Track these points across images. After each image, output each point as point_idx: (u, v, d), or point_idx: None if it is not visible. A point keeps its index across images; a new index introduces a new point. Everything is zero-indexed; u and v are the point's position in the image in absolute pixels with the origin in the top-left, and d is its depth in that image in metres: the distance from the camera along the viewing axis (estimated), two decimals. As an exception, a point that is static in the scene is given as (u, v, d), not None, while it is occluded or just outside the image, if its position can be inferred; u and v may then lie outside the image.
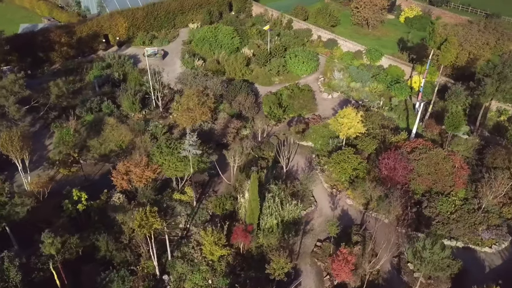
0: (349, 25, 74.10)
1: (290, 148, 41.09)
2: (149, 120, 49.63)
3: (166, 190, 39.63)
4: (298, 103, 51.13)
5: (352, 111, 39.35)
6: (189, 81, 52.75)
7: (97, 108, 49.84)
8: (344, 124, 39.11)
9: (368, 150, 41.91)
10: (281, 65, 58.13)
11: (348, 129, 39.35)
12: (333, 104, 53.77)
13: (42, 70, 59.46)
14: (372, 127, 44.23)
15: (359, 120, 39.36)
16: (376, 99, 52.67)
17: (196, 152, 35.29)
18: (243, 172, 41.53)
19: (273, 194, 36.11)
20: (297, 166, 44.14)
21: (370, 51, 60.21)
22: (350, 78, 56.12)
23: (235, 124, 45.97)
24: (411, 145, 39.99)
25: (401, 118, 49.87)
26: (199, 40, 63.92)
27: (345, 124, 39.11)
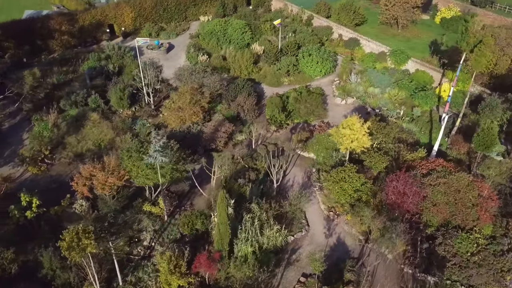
0: (376, 24, 66.82)
1: (283, 160, 34.95)
2: (137, 118, 44.97)
3: (137, 200, 34.66)
4: (304, 107, 44.96)
5: (357, 120, 32.89)
6: (185, 77, 47.64)
7: (83, 102, 45.69)
8: (347, 136, 32.71)
9: (377, 169, 35.28)
10: (292, 64, 52.03)
11: (351, 142, 32.90)
12: (346, 111, 47.18)
13: (39, 59, 56.15)
14: (384, 140, 37.46)
15: (365, 132, 32.83)
16: (396, 107, 45.68)
17: (163, 159, 30.01)
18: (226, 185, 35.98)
19: (252, 215, 30.32)
20: (293, 180, 38.04)
21: (394, 53, 53.06)
22: (368, 83, 49.33)
23: (226, 128, 40.42)
24: (428, 166, 33.08)
25: (423, 131, 42.71)
26: (207, 34, 58.83)
27: (347, 136, 32.70)
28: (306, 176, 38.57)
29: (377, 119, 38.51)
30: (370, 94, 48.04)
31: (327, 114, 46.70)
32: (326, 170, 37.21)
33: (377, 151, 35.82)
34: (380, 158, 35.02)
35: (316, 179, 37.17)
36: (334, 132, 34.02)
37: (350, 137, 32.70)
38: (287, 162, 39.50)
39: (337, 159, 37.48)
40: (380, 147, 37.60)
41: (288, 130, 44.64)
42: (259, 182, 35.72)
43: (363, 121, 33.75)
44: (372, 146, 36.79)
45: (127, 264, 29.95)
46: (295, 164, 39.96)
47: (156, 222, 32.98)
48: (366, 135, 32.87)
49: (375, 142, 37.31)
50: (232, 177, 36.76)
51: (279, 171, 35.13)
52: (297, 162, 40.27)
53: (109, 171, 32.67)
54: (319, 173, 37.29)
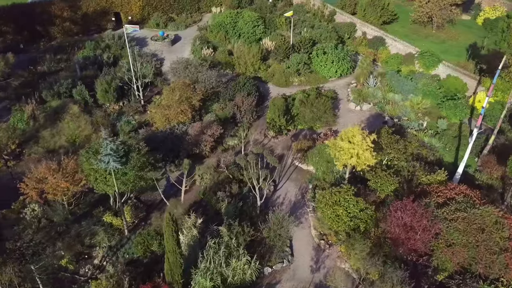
0: (408, 23, 59.65)
1: (267, 172, 29.19)
2: (123, 114, 40.56)
3: (98, 208, 30.06)
4: (310, 112, 39.00)
5: (358, 132, 26.74)
6: (179, 71, 42.75)
7: (67, 93, 41.76)
8: (345, 149, 26.62)
9: (383, 191, 28.95)
10: (303, 62, 46.08)
11: (350, 158, 26.77)
12: (360, 119, 40.82)
13: (37, 46, 53.08)
14: (396, 157, 31.01)
15: (368, 147, 26.61)
16: (418, 118, 38.88)
17: (115, 165, 25.11)
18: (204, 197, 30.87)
19: (219, 240, 24.88)
20: (284, 197, 32.28)
21: (423, 55, 46.04)
22: (388, 87, 42.69)
23: (213, 130, 35.14)
24: (446, 193, 26.44)
25: (448, 148, 35.80)
26: (215, 26, 53.85)
27: (345, 150, 26.62)
28: (300, 193, 32.72)
29: (389, 130, 32.01)
30: (390, 101, 41.40)
31: (337, 121, 40.51)
32: (324, 188, 31.18)
33: (386, 170, 29.44)
34: (388, 178, 28.65)
35: (310, 198, 31.27)
36: (331, 144, 27.98)
37: (349, 152, 26.57)
38: (279, 174, 33.91)
39: (338, 176, 31.44)
40: (391, 165, 31.22)
41: (289, 137, 38.84)
42: (239, 198, 30.19)
43: (367, 133, 27.51)
44: (380, 163, 30.52)
45: (69, 286, 25.31)
46: (289, 178, 34.18)
47: (114, 237, 28.20)
48: (369, 151, 26.64)
49: (385, 159, 30.99)
50: (211, 189, 31.56)
51: (266, 186, 29.48)
52: (292, 175, 34.46)
53: (65, 173, 28.24)
54: (315, 191, 31.33)
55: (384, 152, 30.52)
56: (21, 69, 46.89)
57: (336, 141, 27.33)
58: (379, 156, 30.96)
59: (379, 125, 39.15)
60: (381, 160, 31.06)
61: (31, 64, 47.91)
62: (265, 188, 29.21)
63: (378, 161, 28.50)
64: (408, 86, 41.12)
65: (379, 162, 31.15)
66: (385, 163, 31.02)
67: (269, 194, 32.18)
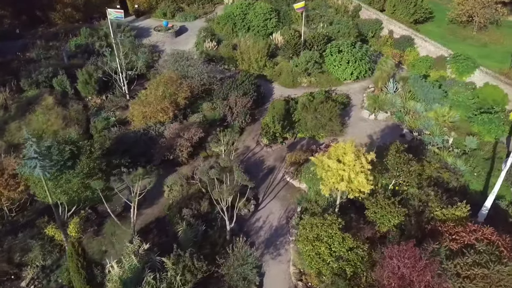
0: (444, 23, 52.26)
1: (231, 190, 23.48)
2: (103, 109, 36.26)
3: (42, 218, 25.60)
4: (313, 118, 33.16)
5: (350, 149, 20.71)
6: (168, 64, 37.91)
7: (46, 82, 37.93)
8: (333, 170, 20.72)
9: (384, 226, 22.77)
10: (313, 60, 40.11)
11: (339, 182, 20.80)
12: (372, 130, 34.53)
13: (36, 31, 49.98)
14: (406, 182, 24.69)
15: (363, 170, 20.56)
16: (443, 133, 32.13)
17: (40, 172, 20.42)
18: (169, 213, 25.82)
19: (161, 276, 19.66)
20: (265, 220, 26.67)
21: (457, 58, 38.99)
22: (410, 94, 36.07)
23: (191, 133, 29.97)
24: (465, 237, 19.98)
25: (477, 173, 28.93)
26: (223, 18, 48.80)
27: (333, 172, 20.70)
28: (286, 216, 27.00)
29: (400, 147, 25.66)
30: (410, 110, 34.82)
31: (345, 131, 34.38)
32: (314, 212, 25.32)
33: (390, 197, 23.24)
34: (391, 209, 22.47)
35: (296, 224, 25.49)
36: (318, 161, 22.08)
37: (339, 174, 20.63)
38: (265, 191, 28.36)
39: (331, 199, 25.50)
40: (399, 190, 24.97)
41: (285, 147, 33.14)
42: (207, 218, 24.85)
43: (364, 150, 21.43)
44: (385, 188, 24.39)
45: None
46: (276, 196, 28.52)
47: (52, 255, 23.63)
48: (364, 174, 20.58)
49: (391, 183, 24.77)
50: (179, 204, 26.45)
51: (237, 207, 24.03)
52: (280, 192, 28.77)
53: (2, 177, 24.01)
54: (303, 215, 25.52)
55: (390, 174, 24.29)
56: (13, 55, 43.84)
57: (323, 158, 21.41)
58: (384, 179, 24.82)
59: (395, 139, 32.77)
60: (386, 184, 24.88)
61: (23, 50, 44.77)
62: (235, 209, 23.68)
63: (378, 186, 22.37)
64: (433, 94, 34.35)
65: (384, 187, 24.98)
66: (391, 188, 24.79)
67: (248, 215, 26.69)
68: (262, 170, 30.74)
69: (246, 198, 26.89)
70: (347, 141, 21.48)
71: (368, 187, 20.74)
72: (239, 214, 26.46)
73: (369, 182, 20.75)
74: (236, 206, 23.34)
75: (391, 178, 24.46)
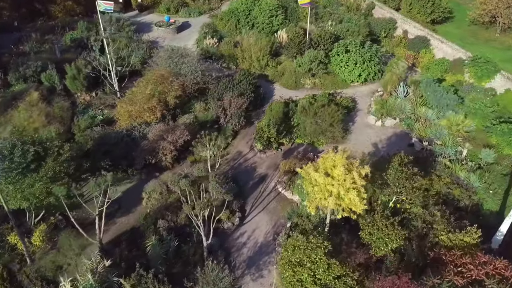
0: (465, 24, 48.62)
1: (204, 203, 20.81)
2: (90, 106, 34.21)
3: (6, 224, 23.51)
4: (312, 123, 30.36)
5: (341, 161, 17.87)
6: (161, 61, 35.56)
7: (34, 76, 36.10)
8: (320, 185, 17.91)
9: (380, 250, 19.80)
10: (318, 60, 37.21)
11: (326, 199, 17.98)
12: (378, 137, 31.53)
13: (34, 24, 48.45)
14: (409, 199, 21.66)
15: (355, 186, 17.68)
16: (456, 144, 28.87)
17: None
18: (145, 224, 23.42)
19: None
20: (250, 236, 24.01)
21: (476, 61, 35.59)
22: (421, 99, 32.86)
23: (176, 136, 27.49)
24: (472, 270, 16.88)
25: (494, 190, 25.61)
26: (226, 14, 46.31)
27: (320, 187, 17.90)
28: (274, 231, 24.27)
29: (405, 159, 22.64)
30: (421, 117, 31.63)
31: (347, 138, 31.48)
32: (305, 229, 22.55)
33: (389, 217, 20.29)
34: (389, 231, 19.52)
35: (283, 242, 22.72)
36: (304, 172, 19.27)
37: (326, 189, 17.81)
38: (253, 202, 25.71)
39: (324, 215, 22.64)
40: (401, 208, 21.98)
41: (280, 153, 30.41)
42: (182, 231, 22.33)
43: (358, 163, 18.54)
44: (384, 205, 21.45)
45: None
46: (266, 208, 25.83)
47: (10, 265, 21.48)
48: (357, 190, 17.70)
49: (392, 200, 21.80)
50: (157, 213, 24.03)
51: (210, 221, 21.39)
52: (271, 204, 26.07)
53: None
54: (292, 232, 22.75)
55: (390, 190, 21.32)
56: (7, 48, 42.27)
57: (310, 170, 18.60)
58: (384, 196, 21.85)
59: (402, 148, 29.73)
60: (387, 201, 21.93)
61: (18, 43, 43.18)
62: (212, 224, 21.06)
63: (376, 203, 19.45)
64: (447, 100, 31.08)
65: (383, 204, 22.03)
66: (391, 206, 21.81)
67: (231, 229, 24.08)
68: (253, 178, 28.10)
69: (231, 210, 24.36)
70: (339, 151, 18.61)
71: (361, 206, 17.86)
72: (221, 227, 23.97)
73: (362, 201, 17.83)
74: (212, 222, 20.65)
75: (391, 195, 21.47)
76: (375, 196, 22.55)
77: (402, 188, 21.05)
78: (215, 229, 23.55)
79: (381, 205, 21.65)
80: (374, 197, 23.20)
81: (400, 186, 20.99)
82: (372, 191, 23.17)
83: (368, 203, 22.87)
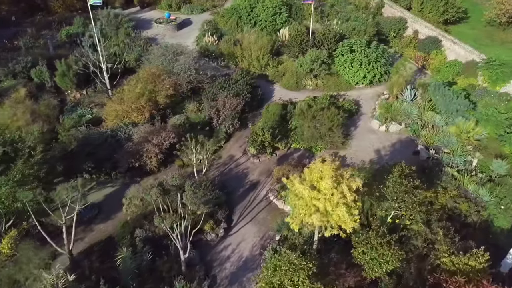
0: (480, 24, 45.97)
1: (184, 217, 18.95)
2: (80, 104, 32.75)
3: (-25, 229, 22.04)
4: (310, 127, 28.33)
5: (329, 172, 15.85)
6: (154, 58, 33.89)
7: (24, 72, 34.82)
8: (306, 198, 15.92)
9: (373, 272, 17.69)
10: (321, 60, 35.13)
11: (309, 216, 15.96)
12: (381, 144, 29.36)
13: (33, 19, 47.37)
14: (409, 215, 19.48)
15: (344, 201, 15.63)
16: (466, 153, 26.54)
17: None
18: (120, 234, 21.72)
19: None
20: (235, 249, 22.07)
21: (490, 64, 33.15)
22: (429, 103, 30.56)
23: (161, 139, 25.73)
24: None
25: (506, 206, 23.21)
26: (228, 11, 44.51)
27: (305, 200, 15.90)
28: (261, 244, 22.32)
29: (406, 169, 20.50)
30: (428, 123, 29.35)
31: (348, 144, 29.38)
32: (294, 244, 20.61)
33: (385, 235, 18.17)
34: (384, 251, 17.42)
35: (269, 257, 20.74)
36: (290, 183, 17.27)
37: (312, 204, 15.81)
38: (241, 211, 23.81)
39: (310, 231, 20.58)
40: (400, 224, 19.84)
41: (275, 159, 28.46)
42: (151, 246, 20.49)
43: (348, 174, 16.47)
44: (381, 220, 19.36)
45: None
46: (254, 218, 23.88)
47: (-26, 274, 19.96)
48: (346, 206, 15.65)
49: (390, 215, 19.67)
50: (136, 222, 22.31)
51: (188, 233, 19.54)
52: (260, 214, 24.12)
53: None
54: (280, 247, 20.78)
55: (387, 205, 19.20)
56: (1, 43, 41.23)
57: (295, 181, 16.59)
58: (380, 211, 19.75)
59: (407, 156, 27.61)
60: (385, 216, 19.81)
61: (13, 38, 42.10)
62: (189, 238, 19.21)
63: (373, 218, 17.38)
64: (456, 105, 28.73)
65: (381, 219, 19.93)
66: (389, 222, 19.68)
67: (215, 241, 22.22)
68: (244, 185, 26.20)
69: (215, 220, 22.52)
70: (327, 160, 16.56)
71: (351, 224, 15.81)
72: (204, 239, 22.13)
73: (353, 217, 15.78)
74: (189, 235, 18.80)
75: (388, 209, 19.34)
76: (372, 209, 20.46)
77: (401, 202, 18.89)
78: (197, 241, 21.89)
79: (377, 220, 19.55)
80: (371, 211, 21.13)
81: (399, 201, 18.85)
82: (369, 204, 21.11)
83: (365, 217, 20.89)
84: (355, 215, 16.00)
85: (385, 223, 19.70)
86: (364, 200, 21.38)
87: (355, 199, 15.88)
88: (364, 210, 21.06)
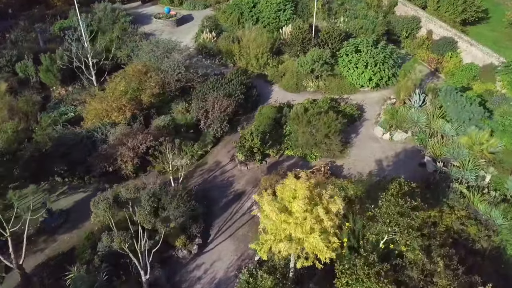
0: (502, 25, 42.58)
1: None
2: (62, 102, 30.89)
3: None
4: (304, 133, 25.75)
5: (302, 191, 13.27)
6: (142, 54, 31.76)
7: (8, 67, 33.17)
8: (274, 223, 13.39)
9: (359, 304, 15.09)
10: (322, 60, 32.44)
11: (279, 242, 13.44)
12: (384, 153, 26.55)
13: (32, 12, 45.92)
14: (404, 239, 16.71)
15: (322, 227, 13.04)
16: (478, 167, 23.55)
17: None
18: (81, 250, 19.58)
19: None
20: (207, 269, 19.64)
21: (510, 68, 29.95)
22: (439, 110, 27.58)
23: (137, 141, 23.49)
24: None
25: (521, 230, 20.28)
26: (229, 7, 42.20)
27: (273, 224, 13.38)
28: (237, 264, 19.83)
29: (404, 186, 17.75)
30: (437, 132, 26.39)
31: (347, 152, 26.66)
32: (274, 266, 18.10)
33: (375, 264, 15.49)
34: (371, 284, 14.75)
35: (244, 281, 18.28)
36: (261, 201, 14.72)
37: (283, 229, 13.26)
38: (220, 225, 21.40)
39: (297, 252, 18.02)
40: (394, 250, 17.11)
41: (265, 166, 25.94)
42: (110, 264, 18.23)
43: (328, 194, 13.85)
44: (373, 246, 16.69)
45: None
46: (233, 234, 21.41)
47: None
48: (326, 232, 13.05)
49: (383, 240, 16.95)
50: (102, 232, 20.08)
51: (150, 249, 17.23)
52: (240, 230, 21.64)
53: None
54: (255, 270, 18.28)
55: (380, 228, 16.47)
56: (-5, 37, 39.86)
57: (265, 200, 14.05)
58: (370, 235, 17.06)
59: (411, 168, 24.86)
60: (376, 241, 17.11)
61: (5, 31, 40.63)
62: (149, 258, 16.88)
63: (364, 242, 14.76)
64: (469, 113, 25.70)
65: (372, 243, 17.24)
66: (382, 247, 16.96)
67: (187, 258, 19.87)
68: (227, 196, 23.78)
69: (188, 235, 20.17)
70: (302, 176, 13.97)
71: (328, 254, 13.20)
72: (175, 256, 19.80)
73: (331, 245, 13.16)
74: (149, 255, 16.47)
75: (379, 233, 16.63)
76: (361, 233, 17.79)
77: (394, 226, 16.17)
78: (168, 258, 19.62)
79: (368, 245, 16.88)
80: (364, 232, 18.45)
81: (392, 224, 16.12)
82: (362, 224, 18.44)
83: (356, 239, 18.21)
84: (336, 243, 13.38)
85: (377, 248, 17.00)
86: (356, 220, 18.75)
87: (334, 224, 13.26)
88: (355, 231, 18.42)
